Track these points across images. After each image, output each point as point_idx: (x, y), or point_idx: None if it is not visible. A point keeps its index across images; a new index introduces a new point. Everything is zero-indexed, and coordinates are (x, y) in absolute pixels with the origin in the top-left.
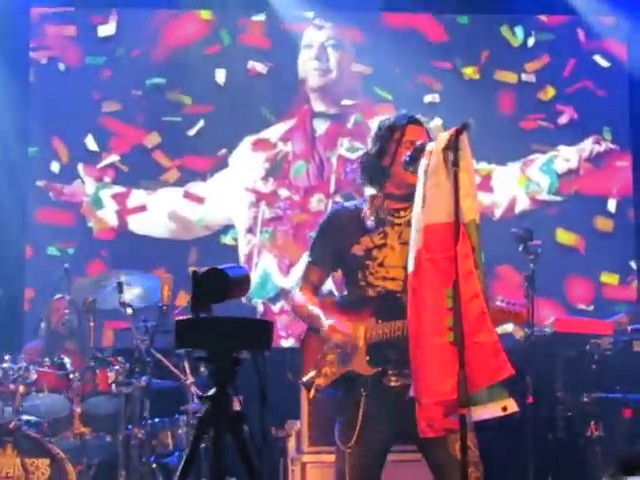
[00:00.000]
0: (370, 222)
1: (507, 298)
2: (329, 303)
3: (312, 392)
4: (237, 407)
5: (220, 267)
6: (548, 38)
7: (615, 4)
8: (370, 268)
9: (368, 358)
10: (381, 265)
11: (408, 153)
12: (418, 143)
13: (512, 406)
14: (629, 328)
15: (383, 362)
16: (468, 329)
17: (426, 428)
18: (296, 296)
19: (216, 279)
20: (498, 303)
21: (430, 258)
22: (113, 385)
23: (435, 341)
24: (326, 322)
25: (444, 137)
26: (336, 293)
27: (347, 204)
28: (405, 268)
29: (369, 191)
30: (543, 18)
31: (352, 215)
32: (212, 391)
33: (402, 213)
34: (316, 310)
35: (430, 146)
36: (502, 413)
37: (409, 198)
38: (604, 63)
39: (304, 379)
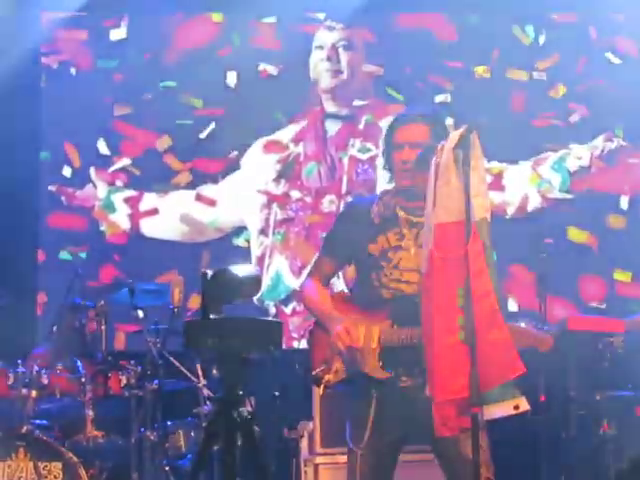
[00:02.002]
0: (377, 220)
1: (533, 322)
2: (341, 298)
3: (321, 388)
4: (248, 408)
5: (229, 267)
6: (559, 36)
7: (626, 0)
8: (385, 270)
9: (381, 363)
10: (396, 267)
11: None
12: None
13: (524, 405)
14: None
15: (395, 365)
16: (480, 327)
17: (441, 427)
18: (307, 287)
19: (225, 279)
20: (523, 325)
21: (441, 257)
22: (125, 388)
23: (447, 340)
24: (334, 328)
25: (454, 136)
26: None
27: (364, 198)
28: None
29: (382, 187)
30: (554, 16)
31: (368, 210)
32: (221, 392)
33: (420, 213)
34: (327, 307)
35: (440, 144)
36: (514, 412)
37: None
38: (615, 60)
39: (313, 373)
